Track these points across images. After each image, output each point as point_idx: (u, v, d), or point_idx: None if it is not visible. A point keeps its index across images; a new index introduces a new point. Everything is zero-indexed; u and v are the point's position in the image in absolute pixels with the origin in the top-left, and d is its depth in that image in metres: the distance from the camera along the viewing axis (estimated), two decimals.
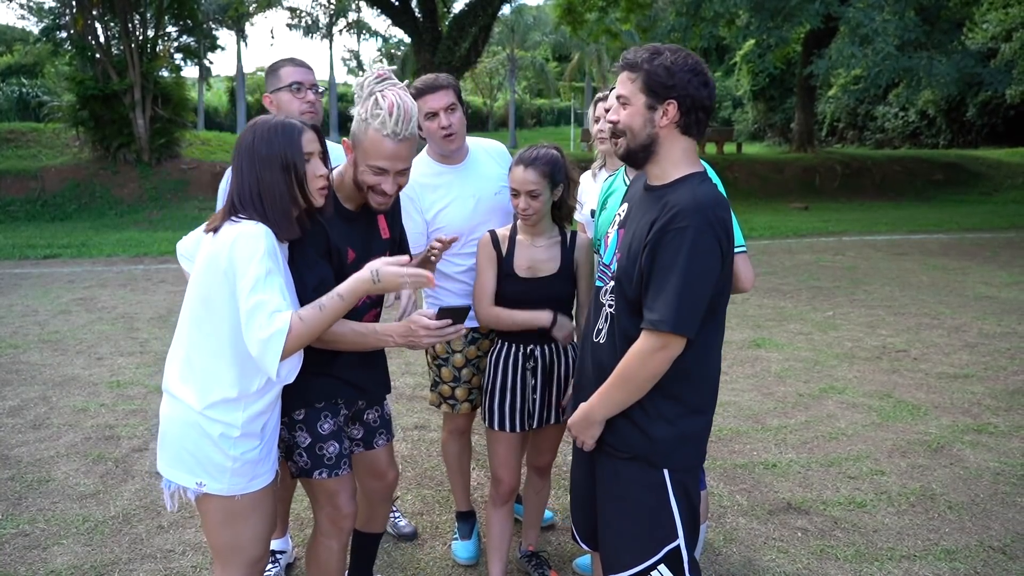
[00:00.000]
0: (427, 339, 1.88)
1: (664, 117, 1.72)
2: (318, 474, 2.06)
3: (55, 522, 3.17)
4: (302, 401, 2.03)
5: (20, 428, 4.21)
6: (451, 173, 2.67)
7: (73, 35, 16.21)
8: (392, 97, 1.88)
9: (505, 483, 2.54)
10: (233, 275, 1.69)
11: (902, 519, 3.21)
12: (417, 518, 3.26)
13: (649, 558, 1.80)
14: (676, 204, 1.68)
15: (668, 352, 1.68)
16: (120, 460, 3.80)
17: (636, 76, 1.73)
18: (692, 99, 1.71)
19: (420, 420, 4.35)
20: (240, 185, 1.79)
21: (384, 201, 2.00)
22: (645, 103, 1.72)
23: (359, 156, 1.95)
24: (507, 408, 2.48)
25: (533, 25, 36.48)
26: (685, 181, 1.75)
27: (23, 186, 15.29)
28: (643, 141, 1.76)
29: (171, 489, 1.83)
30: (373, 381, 2.22)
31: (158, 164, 16.30)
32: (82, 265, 9.86)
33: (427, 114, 2.55)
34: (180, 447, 1.79)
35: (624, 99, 1.76)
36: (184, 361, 1.81)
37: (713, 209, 1.67)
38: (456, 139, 2.60)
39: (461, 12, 17.23)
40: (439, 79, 2.59)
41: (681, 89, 1.70)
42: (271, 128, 1.81)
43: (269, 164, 1.77)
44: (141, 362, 5.50)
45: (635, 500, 1.81)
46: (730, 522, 3.20)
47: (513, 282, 2.44)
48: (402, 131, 1.89)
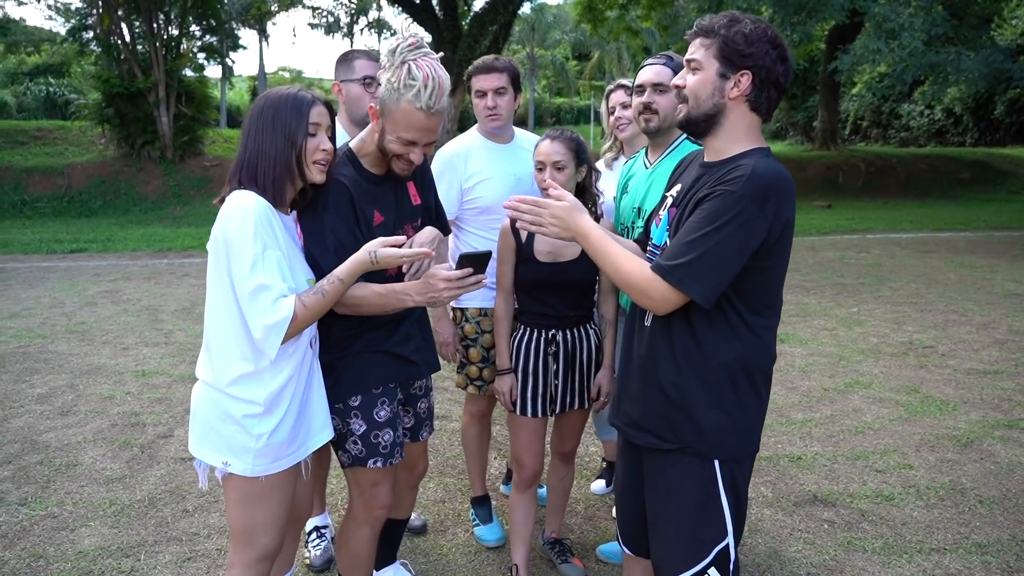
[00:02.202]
0: (447, 292, 1.80)
1: (735, 88, 1.61)
2: (372, 463, 2.02)
3: (83, 505, 3.20)
4: (359, 386, 2.00)
5: (48, 414, 4.27)
6: (496, 150, 2.75)
7: (99, 34, 16.47)
8: (427, 68, 1.83)
9: (528, 467, 2.53)
10: (227, 250, 1.69)
11: (931, 512, 3.15)
12: (439, 505, 3.26)
13: (699, 561, 1.69)
14: (733, 172, 1.57)
15: (658, 303, 1.59)
16: (146, 446, 3.84)
17: (711, 42, 1.62)
18: (768, 72, 1.60)
19: (442, 411, 4.35)
20: (243, 152, 1.79)
21: (407, 168, 1.99)
22: (717, 70, 1.61)
23: (388, 125, 1.91)
24: (529, 393, 2.47)
25: (553, 23, 36.43)
26: (747, 155, 1.63)
27: (50, 183, 15.55)
28: (708, 110, 1.65)
29: (202, 467, 1.85)
30: (426, 357, 2.19)
31: (181, 161, 16.52)
32: (107, 259, 9.99)
33: (477, 92, 2.68)
34: (207, 426, 1.80)
35: (696, 64, 1.65)
36: (206, 342, 1.82)
37: (771, 182, 1.54)
38: (499, 120, 2.69)
39: (481, 10, 17.20)
40: (497, 62, 2.69)
41: (759, 59, 1.59)
42: (282, 97, 1.80)
43: (272, 131, 1.77)
44: (166, 352, 5.56)
45: (683, 496, 1.70)
46: (755, 513, 3.16)
47: (533, 267, 2.42)
48: (435, 104, 1.86)
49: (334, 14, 34.71)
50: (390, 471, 2.08)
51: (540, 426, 2.54)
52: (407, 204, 2.11)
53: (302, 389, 1.86)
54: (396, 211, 2.06)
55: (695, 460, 1.68)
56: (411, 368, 2.13)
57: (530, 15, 33.42)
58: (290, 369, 1.81)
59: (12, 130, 17.81)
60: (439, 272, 1.81)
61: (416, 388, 2.24)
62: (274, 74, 38.85)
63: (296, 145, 1.77)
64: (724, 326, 1.63)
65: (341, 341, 2.00)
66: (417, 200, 2.16)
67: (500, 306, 2.49)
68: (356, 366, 1.99)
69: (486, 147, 2.74)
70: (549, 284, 2.43)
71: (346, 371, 2.00)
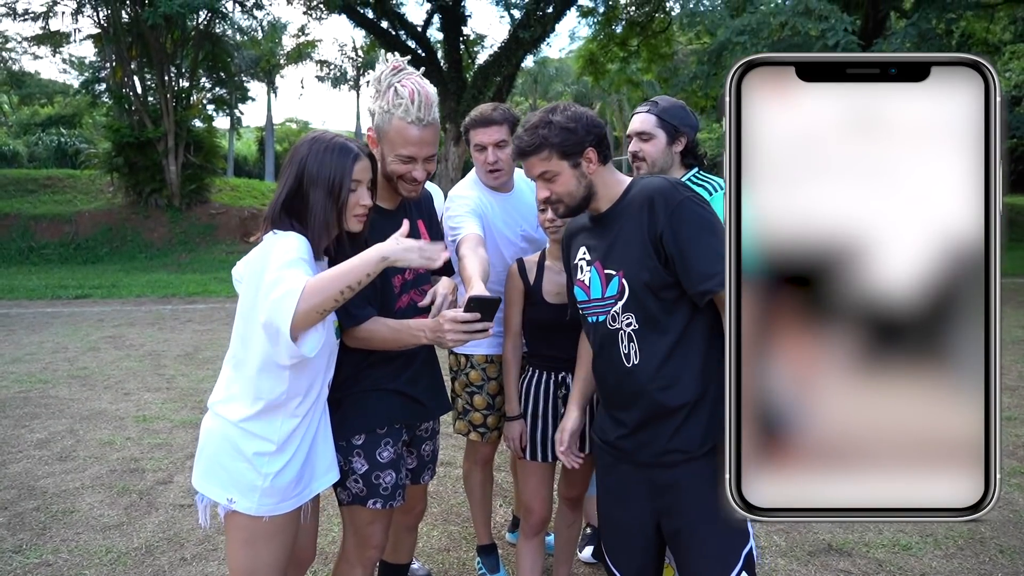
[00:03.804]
0: (452, 335, 1.75)
1: (590, 165, 1.82)
2: (372, 503, 1.98)
3: (78, 553, 3.12)
4: (363, 425, 1.97)
5: (47, 460, 4.21)
6: (500, 201, 2.68)
7: (112, 86, 16.85)
8: (411, 84, 1.87)
9: (537, 514, 2.47)
10: (262, 273, 1.66)
11: (951, 562, 3.05)
12: (443, 554, 3.17)
13: (732, 569, 1.71)
14: (655, 199, 1.72)
15: None
16: (144, 492, 3.76)
17: (547, 152, 1.83)
18: (597, 137, 1.83)
19: (446, 457, 4.28)
20: (286, 197, 1.79)
21: (414, 189, 1.99)
22: (569, 166, 1.82)
23: (386, 148, 1.94)
24: (539, 437, 2.43)
25: (555, 76, 37.24)
26: (631, 186, 1.83)
27: (57, 230, 15.71)
28: (584, 194, 1.85)
29: (204, 503, 1.81)
30: (435, 397, 2.16)
31: (188, 209, 16.69)
32: (112, 305, 10.01)
33: (476, 145, 2.58)
34: (215, 461, 1.77)
35: (548, 175, 1.84)
36: (229, 377, 1.79)
37: (673, 180, 1.77)
38: (501, 176, 2.61)
39: (485, 63, 17.65)
40: (495, 114, 2.57)
41: (587, 134, 1.82)
42: (327, 147, 1.79)
43: (317, 184, 1.77)
44: (167, 398, 5.51)
45: (713, 504, 1.71)
46: (768, 563, 3.07)
47: (542, 309, 2.41)
48: (425, 116, 1.88)
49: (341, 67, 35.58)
50: (388, 513, 2.04)
51: (549, 471, 2.48)
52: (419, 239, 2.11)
53: (313, 430, 1.83)
54: None
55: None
56: (419, 409, 2.10)
57: (533, 68, 34.18)
58: (306, 408, 1.79)
59: (22, 178, 18.09)
60: (447, 313, 1.79)
61: (422, 430, 2.20)
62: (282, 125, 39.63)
63: (341, 201, 1.77)
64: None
65: (349, 378, 1.98)
66: (427, 238, 2.16)
67: (509, 350, 2.47)
68: (362, 404, 1.96)
69: (492, 200, 2.67)
70: (558, 326, 2.40)
71: (352, 408, 1.97)
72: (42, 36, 18.27)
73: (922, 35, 11.56)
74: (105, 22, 16.46)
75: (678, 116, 2.42)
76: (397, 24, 17.88)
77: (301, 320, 1.55)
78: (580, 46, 22.89)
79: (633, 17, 19.18)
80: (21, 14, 17.16)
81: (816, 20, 11.30)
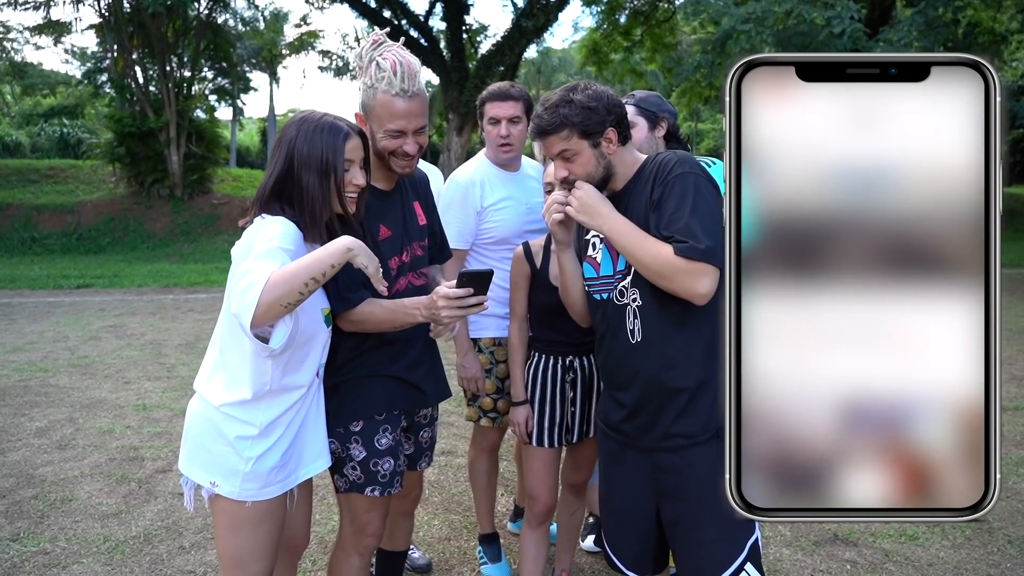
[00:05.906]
0: (446, 311, 1.72)
1: (610, 145, 1.79)
2: (370, 491, 1.94)
3: (76, 541, 3.10)
4: (361, 411, 1.93)
5: (46, 448, 4.19)
6: (509, 179, 2.68)
7: (114, 77, 16.81)
8: (392, 56, 1.83)
9: (541, 502, 2.43)
10: (244, 257, 1.63)
11: (958, 553, 3.01)
12: (444, 543, 3.14)
13: (735, 559, 1.68)
14: (661, 170, 1.69)
15: (699, 281, 1.57)
16: (143, 481, 3.74)
17: (567, 131, 1.82)
18: (619, 116, 1.80)
19: (447, 446, 4.24)
20: (275, 180, 1.74)
21: (407, 164, 1.94)
22: (589, 146, 1.81)
23: (374, 125, 1.89)
24: (546, 422, 2.39)
25: (559, 66, 37.05)
26: (647, 162, 1.80)
27: (60, 220, 15.69)
28: (603, 174, 1.82)
29: (188, 486, 1.78)
30: (434, 384, 2.12)
31: (190, 199, 16.67)
32: (113, 295, 9.99)
33: (490, 119, 2.59)
34: (199, 444, 1.74)
35: (568, 153, 1.82)
36: (214, 360, 1.76)
37: (689, 156, 1.73)
38: (511, 150, 2.61)
39: (488, 52, 17.53)
40: (513, 90, 2.59)
41: (608, 113, 1.79)
42: (316, 127, 1.74)
43: (308, 165, 1.72)
44: (168, 386, 5.48)
45: (715, 493, 1.69)
46: (774, 553, 3.03)
47: (548, 292, 2.36)
48: (410, 87, 1.83)
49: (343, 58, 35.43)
50: (385, 500, 2.00)
51: (555, 457, 2.45)
52: (414, 222, 2.07)
53: (301, 417, 1.79)
54: (403, 227, 2.01)
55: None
56: (418, 395, 2.05)
57: (536, 58, 34.01)
58: (294, 398, 1.75)
59: (25, 169, 18.06)
60: (440, 289, 1.75)
61: (421, 416, 2.16)
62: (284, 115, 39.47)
63: (336, 181, 1.72)
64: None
65: (346, 364, 1.94)
66: (423, 220, 2.11)
67: (514, 334, 2.42)
68: (360, 390, 1.92)
69: (499, 176, 2.67)
70: (564, 309, 2.36)
71: (349, 395, 1.93)
72: (43, 25, 18.21)
73: (928, 23, 11.42)
74: (106, 11, 16.39)
75: (654, 104, 2.45)
76: (399, 13, 17.75)
77: (263, 313, 1.48)
78: (583, 36, 22.78)
79: (637, 6, 19.03)
80: (22, 3, 17.06)
81: (822, 8, 11.18)
